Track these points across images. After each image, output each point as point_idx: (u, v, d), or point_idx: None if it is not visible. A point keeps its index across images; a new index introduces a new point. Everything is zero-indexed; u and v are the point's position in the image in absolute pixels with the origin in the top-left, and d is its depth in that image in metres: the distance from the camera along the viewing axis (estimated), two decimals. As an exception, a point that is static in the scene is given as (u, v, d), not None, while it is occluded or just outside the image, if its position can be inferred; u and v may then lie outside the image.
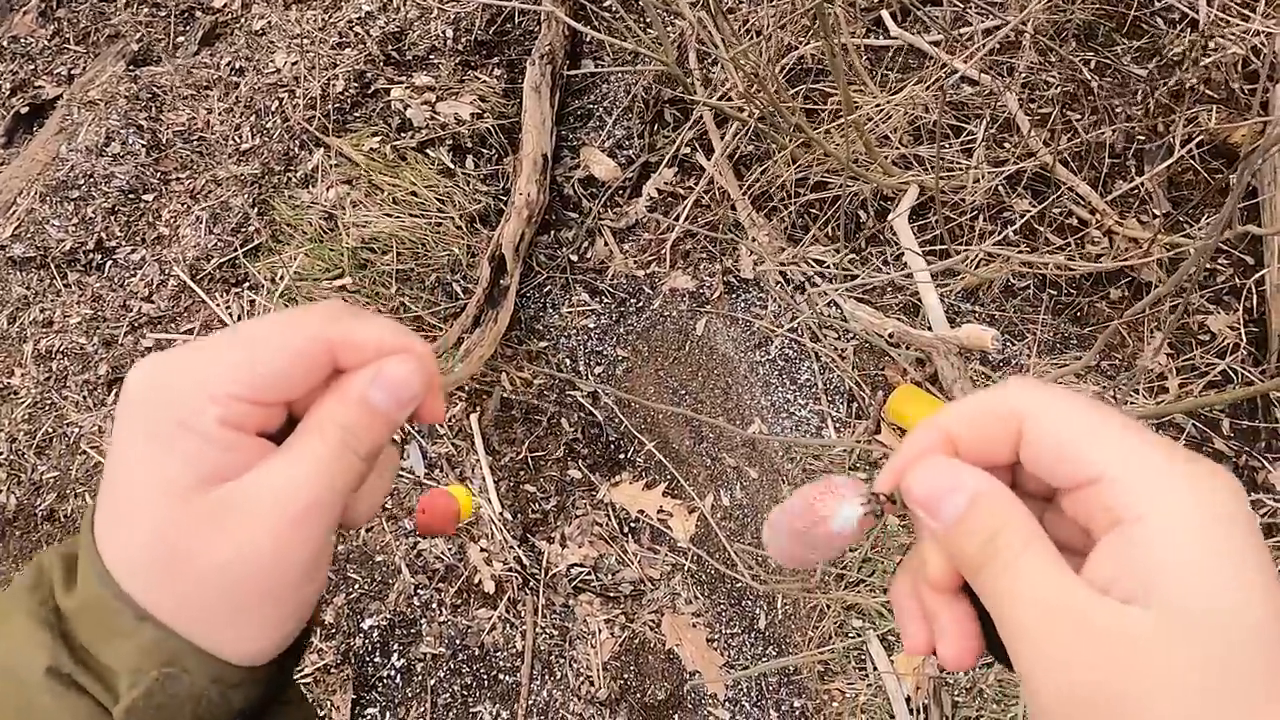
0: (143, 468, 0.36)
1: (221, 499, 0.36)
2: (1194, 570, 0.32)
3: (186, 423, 0.36)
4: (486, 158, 2.84)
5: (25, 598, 0.37)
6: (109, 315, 2.52)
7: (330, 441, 0.38)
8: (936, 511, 0.38)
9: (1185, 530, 0.33)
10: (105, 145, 2.74)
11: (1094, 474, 0.35)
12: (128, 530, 0.36)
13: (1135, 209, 2.57)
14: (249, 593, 0.36)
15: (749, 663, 2.11)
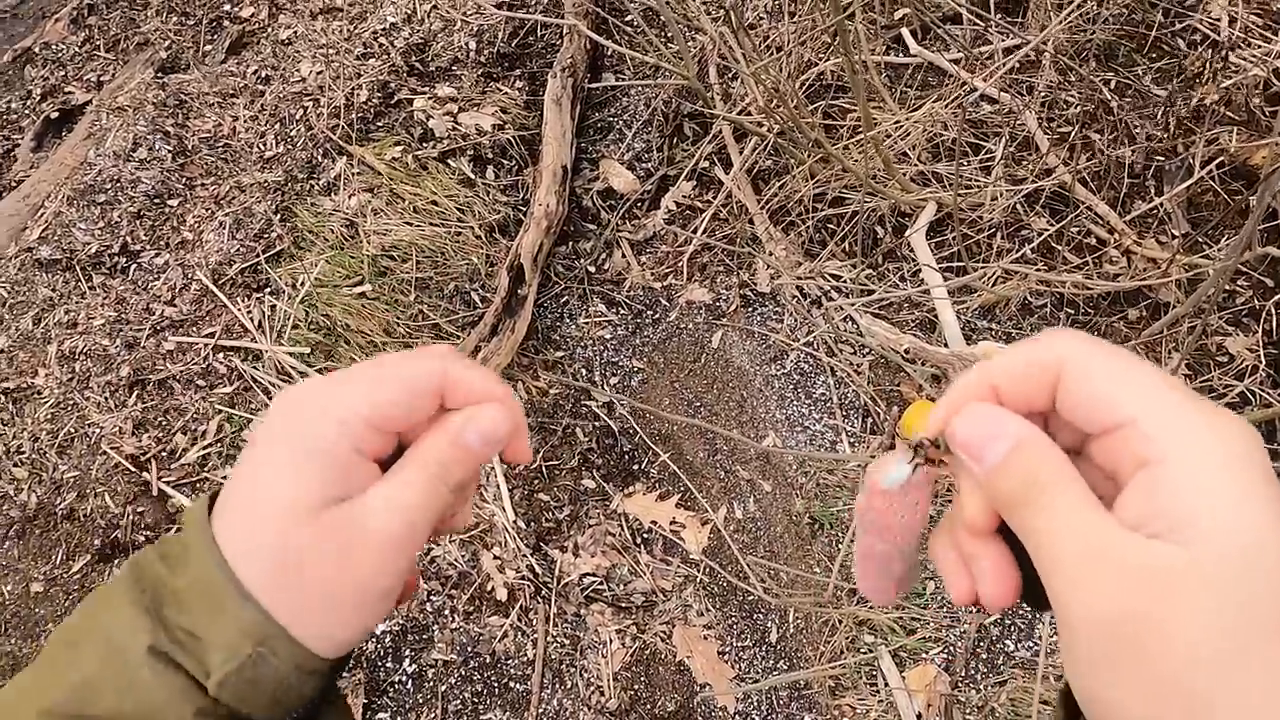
0: (278, 482, 0.41)
1: (337, 517, 0.41)
2: (1219, 508, 0.34)
3: (320, 446, 0.42)
4: (507, 168, 2.86)
5: (127, 588, 0.41)
6: (132, 318, 2.56)
7: (428, 475, 0.44)
8: (980, 455, 0.40)
9: (1209, 470, 0.34)
10: (132, 150, 2.79)
11: (1122, 418, 0.37)
12: (253, 531, 0.41)
13: (1154, 229, 2.56)
14: (345, 598, 0.42)
15: (760, 676, 2.11)
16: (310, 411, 0.43)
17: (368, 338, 2.51)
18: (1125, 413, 0.37)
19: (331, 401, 0.43)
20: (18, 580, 2.29)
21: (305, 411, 0.43)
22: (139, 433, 2.41)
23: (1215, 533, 0.33)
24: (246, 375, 2.47)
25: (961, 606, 0.41)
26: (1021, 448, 0.39)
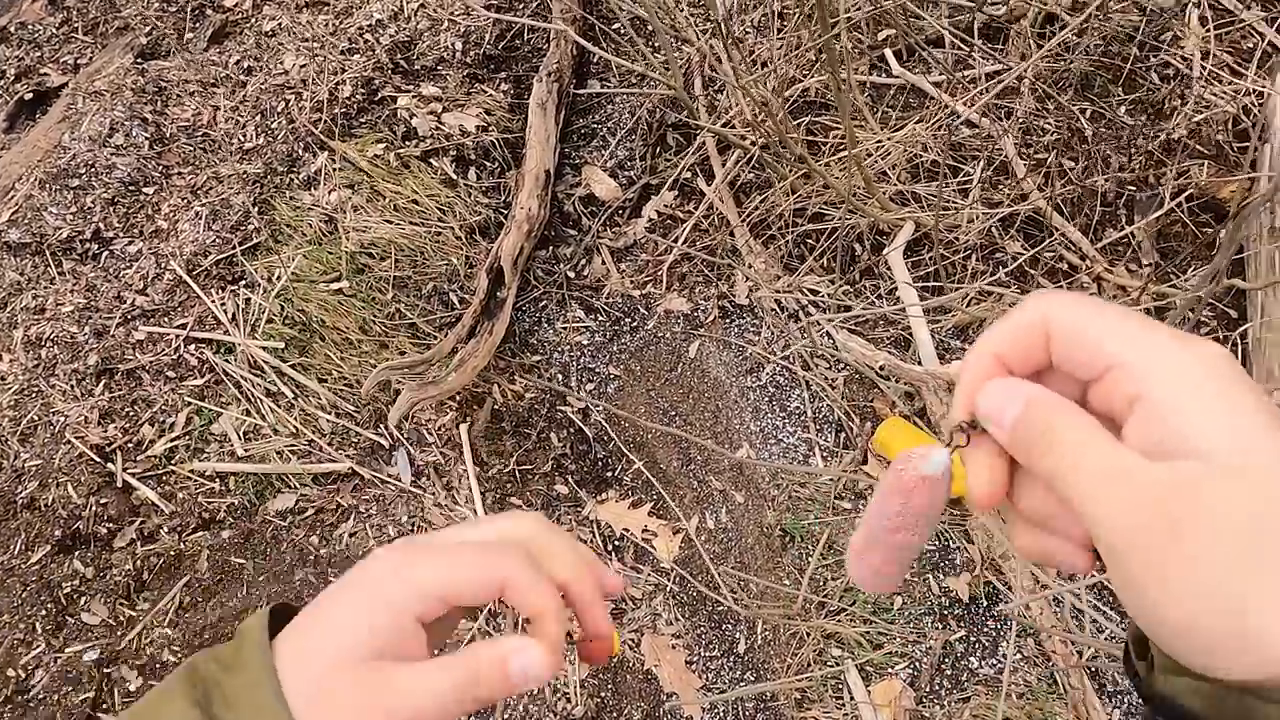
0: (346, 626, 0.47)
1: (374, 675, 0.47)
2: (1209, 426, 0.37)
3: (394, 609, 0.47)
4: (489, 170, 2.86)
5: (181, 685, 0.46)
6: (102, 306, 2.51)
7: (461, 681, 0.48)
8: (1001, 420, 0.43)
9: (1191, 392, 0.38)
10: (109, 136, 2.74)
11: (1110, 361, 0.40)
12: (308, 664, 0.47)
13: (1125, 257, 2.62)
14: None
15: (727, 687, 2.12)
16: (399, 574, 0.49)
17: (343, 335, 2.49)
18: (1111, 356, 0.40)
19: (419, 571, 0.48)
20: (-27, 569, 2.24)
21: (394, 571, 0.49)
22: (105, 423, 2.37)
23: (1214, 448, 0.36)
24: (218, 368, 2.44)
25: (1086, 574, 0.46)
26: (1032, 404, 0.42)
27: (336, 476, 2.38)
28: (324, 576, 2.25)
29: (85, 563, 2.25)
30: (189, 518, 2.32)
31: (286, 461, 2.37)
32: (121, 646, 2.18)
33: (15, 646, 2.16)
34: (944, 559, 2.19)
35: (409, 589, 0.48)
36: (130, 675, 2.15)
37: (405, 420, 2.39)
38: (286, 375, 2.44)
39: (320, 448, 2.39)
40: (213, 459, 2.36)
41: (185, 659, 0.50)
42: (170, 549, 2.28)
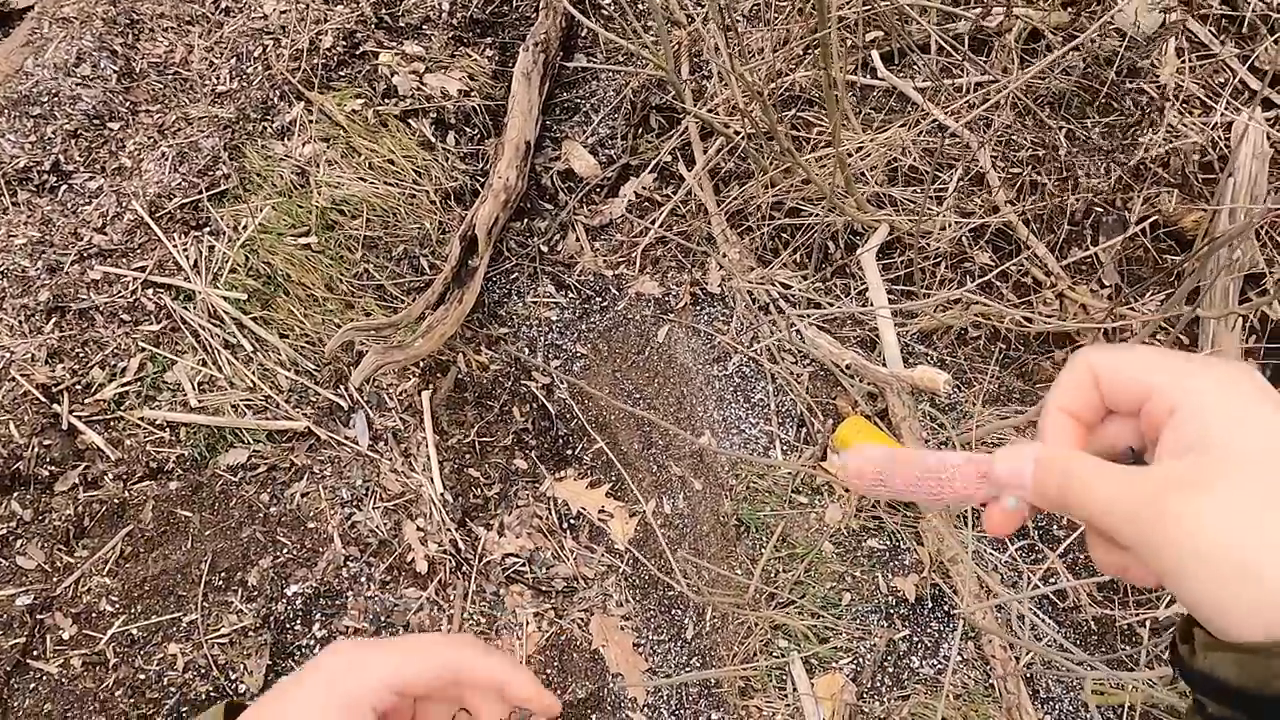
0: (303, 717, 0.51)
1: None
2: (1221, 425, 0.42)
3: (350, 703, 0.51)
4: (469, 136, 2.81)
5: None
6: (57, 241, 2.43)
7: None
8: (1021, 480, 0.49)
9: (1215, 399, 0.42)
10: (75, 65, 2.64)
11: (1149, 388, 0.45)
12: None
13: (1088, 276, 2.67)
14: None
15: (672, 671, 2.14)
16: (352, 668, 0.52)
17: (308, 291, 2.44)
18: (1149, 383, 0.45)
19: (371, 665, 0.52)
20: (-96, 504, 2.16)
21: (348, 666, 0.52)
22: (53, 362, 2.30)
23: (1226, 442, 0.41)
24: (176, 315, 2.37)
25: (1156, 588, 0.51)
26: (1040, 460, 0.48)
27: (292, 435, 2.34)
28: (272, 535, 2.21)
29: (24, 505, 2.18)
30: (135, 466, 2.25)
31: (241, 416, 2.32)
32: (57, 593, 2.12)
33: (-56, 586, 2.09)
34: (894, 559, 2.23)
35: (363, 683, 0.51)
36: (65, 623, 2.09)
37: (367, 383, 2.35)
38: (247, 328, 2.38)
39: (277, 404, 2.34)
40: (164, 407, 2.30)
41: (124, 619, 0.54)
42: (114, 497, 2.22)
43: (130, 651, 2.07)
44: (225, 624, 2.09)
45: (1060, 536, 2.27)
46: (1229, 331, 2.47)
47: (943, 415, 2.36)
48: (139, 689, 2.04)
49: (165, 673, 2.04)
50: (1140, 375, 0.46)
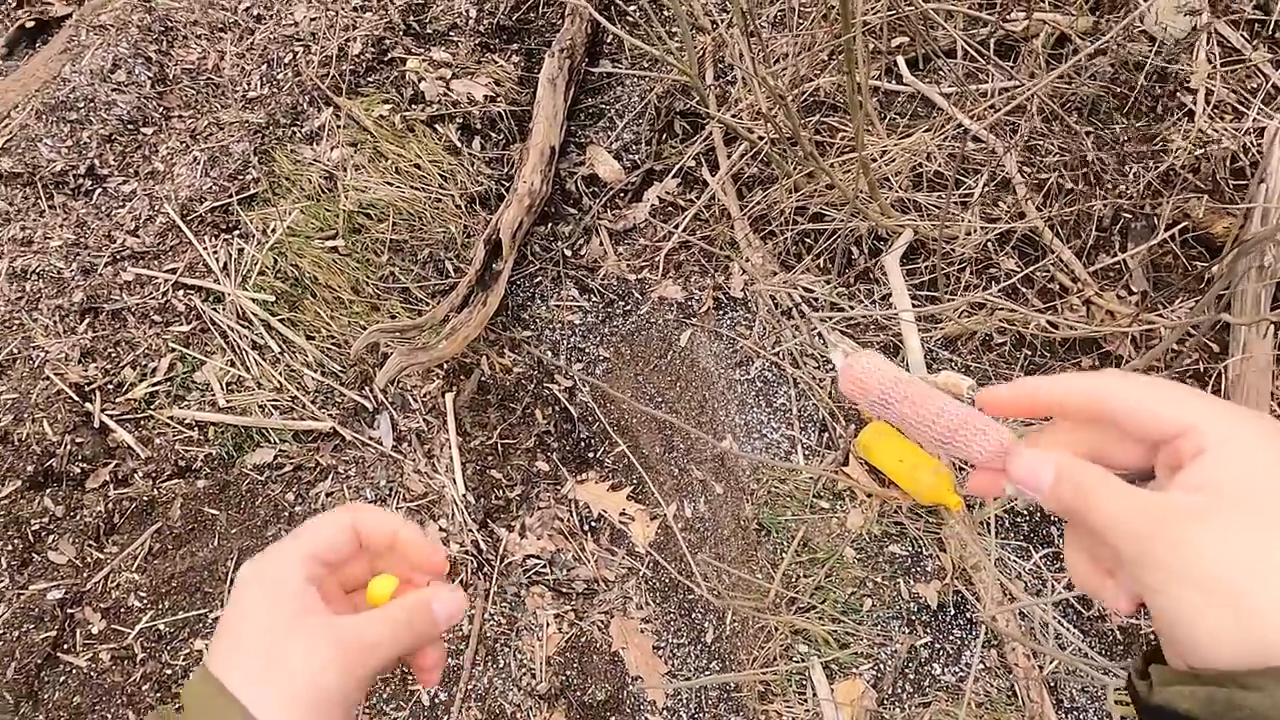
0: (256, 612, 0.54)
1: (313, 623, 0.54)
2: (1242, 471, 0.44)
3: (283, 584, 0.55)
4: (494, 141, 2.84)
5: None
6: (91, 243, 2.48)
7: (396, 617, 0.58)
8: (1039, 484, 0.51)
9: (1244, 449, 0.45)
10: (110, 72, 2.69)
11: (1185, 426, 0.47)
12: (243, 650, 0.53)
13: (1115, 283, 2.65)
14: (320, 691, 0.52)
15: (692, 674, 2.13)
16: (271, 562, 0.57)
17: (335, 293, 2.48)
18: (1181, 425, 0.47)
19: (284, 551, 0.57)
20: (-60, 499, 2.21)
21: (268, 563, 0.57)
22: (86, 361, 2.34)
23: (1241, 487, 0.43)
24: (205, 316, 2.41)
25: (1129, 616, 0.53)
26: (1062, 468, 0.50)
27: (317, 435, 2.37)
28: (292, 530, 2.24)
29: (56, 501, 2.22)
30: (165, 464, 2.29)
31: (268, 416, 2.35)
32: (87, 588, 2.16)
33: (-22, 580, 2.13)
34: (915, 565, 2.22)
35: (285, 564, 0.56)
36: (94, 617, 2.13)
37: (392, 384, 2.38)
38: (274, 329, 2.41)
39: (303, 405, 2.37)
40: (193, 407, 2.34)
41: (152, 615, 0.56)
42: (143, 494, 2.26)
43: (157, 647, 2.11)
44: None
45: (1085, 544, 2.24)
46: (1260, 339, 2.44)
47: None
48: (165, 684, 2.07)
49: (191, 668, 2.07)
50: (1173, 412, 0.48)
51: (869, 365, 0.56)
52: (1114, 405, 0.50)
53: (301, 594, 0.55)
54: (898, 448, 2.22)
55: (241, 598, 0.56)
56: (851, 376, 0.57)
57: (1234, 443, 0.45)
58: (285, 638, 0.53)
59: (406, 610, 0.59)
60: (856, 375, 0.56)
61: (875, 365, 0.56)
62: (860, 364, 0.56)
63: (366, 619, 0.57)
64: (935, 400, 0.54)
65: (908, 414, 0.55)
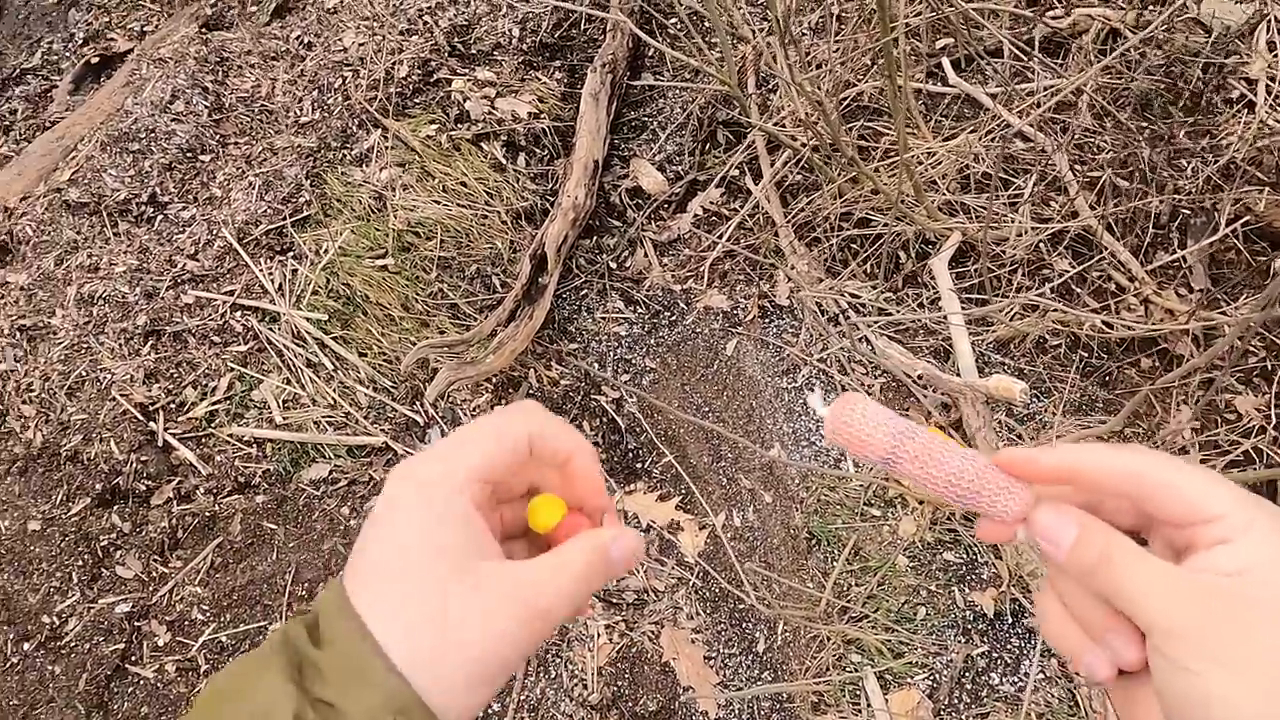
0: (417, 549, 0.45)
1: (489, 573, 0.46)
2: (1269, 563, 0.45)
3: (444, 512, 0.46)
4: (538, 157, 2.87)
5: (275, 658, 0.44)
6: (154, 268, 2.57)
7: (578, 570, 0.49)
8: (1059, 541, 0.50)
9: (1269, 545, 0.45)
10: (170, 103, 2.80)
11: (1215, 514, 0.47)
12: (401, 597, 0.44)
13: (1174, 281, 2.58)
14: (490, 665, 0.45)
15: (744, 685, 2.12)
16: (429, 481, 0.47)
17: (385, 310, 2.53)
18: (1213, 511, 0.47)
19: (446, 464, 0.47)
20: (16, 517, 2.30)
21: (424, 481, 0.47)
22: (150, 382, 2.42)
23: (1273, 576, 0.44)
24: (262, 336, 2.48)
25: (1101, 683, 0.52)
26: (1089, 529, 0.50)
27: (371, 450, 2.42)
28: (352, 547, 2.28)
29: (123, 517, 2.30)
30: (225, 480, 2.36)
31: (323, 432, 2.40)
32: (153, 601, 2.23)
33: (51, 594, 2.21)
34: (971, 573, 2.17)
35: (449, 487, 0.47)
36: (159, 630, 2.20)
37: (441, 398, 2.41)
38: (328, 347, 2.47)
39: (356, 420, 2.42)
40: (251, 425, 2.41)
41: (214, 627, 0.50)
42: (205, 510, 2.33)
43: (220, 658, 2.16)
44: (308, 633, 2.16)
45: (1148, 550, 2.18)
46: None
47: (1020, 426, 2.30)
48: (228, 694, 2.12)
49: (252, 679, 2.12)
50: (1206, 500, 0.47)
51: (865, 417, 0.51)
52: (1150, 486, 0.49)
53: (469, 526, 0.46)
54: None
55: (395, 522, 0.46)
56: (845, 431, 0.51)
57: (1264, 537, 0.45)
58: (458, 592, 0.44)
59: (585, 560, 0.49)
60: (852, 430, 0.51)
61: (871, 417, 0.51)
62: (853, 415, 0.51)
63: (544, 571, 0.48)
64: (947, 460, 0.50)
65: (918, 474, 0.51)
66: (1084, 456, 0.51)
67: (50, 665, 2.14)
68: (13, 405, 2.41)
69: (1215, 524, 0.47)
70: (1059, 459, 0.51)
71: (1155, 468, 0.49)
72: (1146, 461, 0.49)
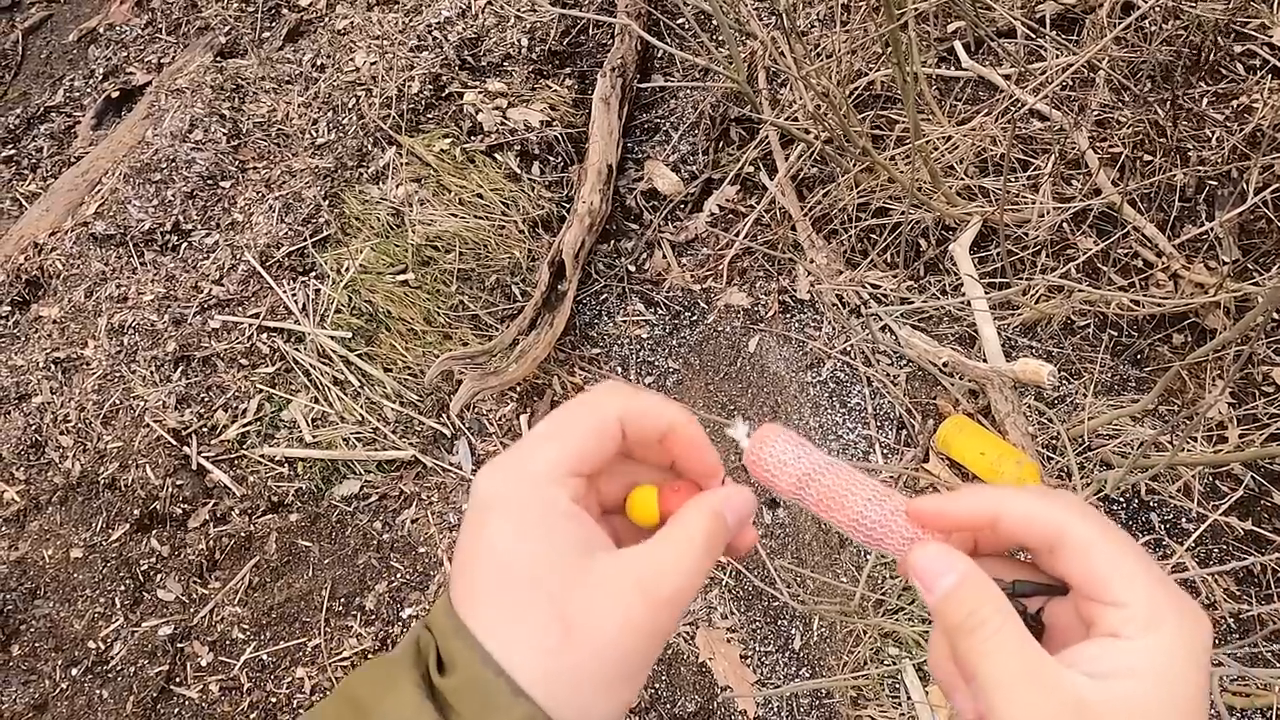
0: (524, 556, 0.42)
1: (605, 567, 0.43)
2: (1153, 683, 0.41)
3: (546, 510, 0.43)
4: (552, 165, 2.88)
5: (409, 670, 0.42)
6: (180, 295, 2.61)
7: (698, 543, 0.45)
8: (932, 586, 0.46)
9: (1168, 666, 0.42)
10: (189, 132, 2.84)
11: (1113, 600, 0.43)
12: (515, 611, 0.41)
13: (1203, 254, 2.53)
14: (628, 663, 0.42)
15: (781, 682, 2.11)
16: (524, 480, 0.44)
17: (408, 325, 2.55)
18: (1116, 597, 0.43)
19: (539, 461, 0.44)
20: (58, 545, 2.35)
21: (519, 482, 0.44)
22: (182, 407, 2.46)
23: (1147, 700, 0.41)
24: (288, 356, 2.51)
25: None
26: (964, 583, 0.45)
27: (400, 464, 2.44)
28: (386, 561, 2.30)
29: (162, 541, 2.34)
30: (259, 501, 2.39)
31: (352, 448, 2.43)
32: (194, 623, 2.26)
33: (96, 620, 2.26)
34: (1007, 560, 2.15)
35: (543, 484, 0.43)
36: (202, 650, 2.23)
37: (467, 410, 2.43)
38: (353, 364, 2.50)
39: (384, 435, 2.44)
40: (282, 444, 2.44)
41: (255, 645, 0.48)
42: (241, 530, 2.36)
43: (262, 676, 2.19)
44: (346, 647, 2.19)
45: (1189, 529, 2.14)
46: (1367, 300, 2.29)
47: (1050, 409, 2.27)
48: (271, 712, 2.15)
49: (294, 695, 2.15)
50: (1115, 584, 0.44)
51: (772, 455, 0.51)
52: (1068, 546, 0.45)
53: (574, 521, 0.43)
54: (979, 441, 2.16)
55: (495, 530, 0.43)
56: (754, 468, 0.52)
57: (1160, 645, 0.42)
58: (576, 594, 0.41)
59: (704, 531, 0.46)
60: (760, 468, 0.51)
61: (778, 454, 0.51)
62: (762, 453, 0.51)
63: (663, 553, 0.44)
64: (851, 504, 0.49)
65: (823, 516, 0.50)
66: (1006, 503, 0.47)
67: (99, 689, 2.19)
68: (51, 436, 2.46)
69: (1115, 610, 0.43)
70: (974, 505, 0.47)
71: (1078, 527, 0.45)
72: (1071, 518, 0.45)
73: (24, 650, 2.25)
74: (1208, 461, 2.11)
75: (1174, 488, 2.21)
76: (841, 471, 0.51)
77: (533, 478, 0.44)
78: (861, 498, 0.50)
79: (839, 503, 0.50)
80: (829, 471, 0.50)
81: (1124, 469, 1.76)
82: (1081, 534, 0.45)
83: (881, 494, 0.50)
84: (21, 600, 2.29)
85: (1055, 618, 0.48)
